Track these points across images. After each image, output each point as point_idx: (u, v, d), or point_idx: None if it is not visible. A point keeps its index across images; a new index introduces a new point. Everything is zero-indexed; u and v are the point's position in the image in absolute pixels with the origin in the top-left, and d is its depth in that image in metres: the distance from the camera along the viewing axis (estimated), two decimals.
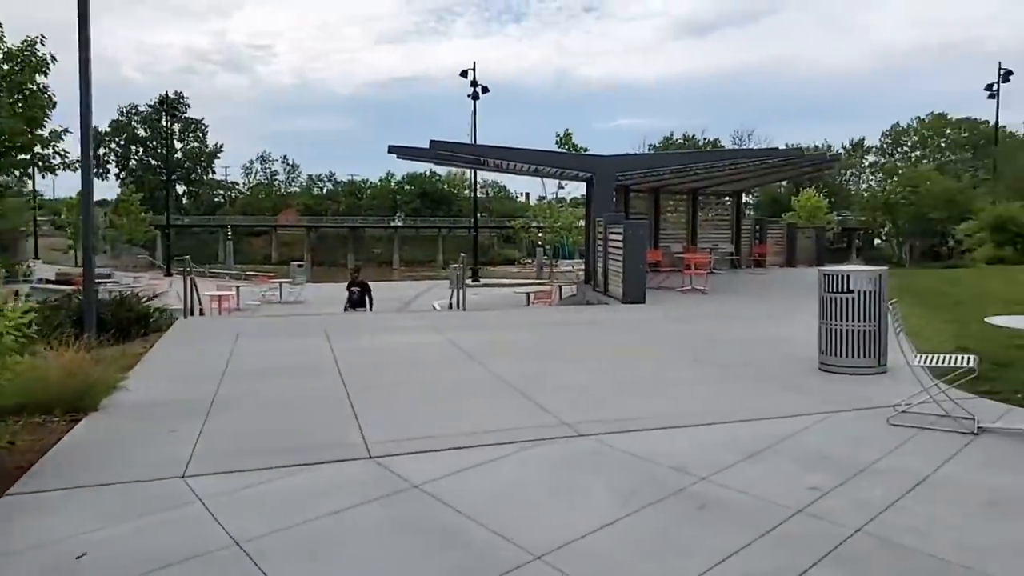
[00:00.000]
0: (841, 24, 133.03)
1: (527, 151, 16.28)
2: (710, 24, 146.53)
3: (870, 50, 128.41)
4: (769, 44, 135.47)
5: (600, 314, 13.37)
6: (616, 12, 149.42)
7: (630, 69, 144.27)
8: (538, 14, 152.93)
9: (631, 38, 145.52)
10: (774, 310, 13.60)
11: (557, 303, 20.33)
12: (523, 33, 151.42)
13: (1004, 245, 25.59)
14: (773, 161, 19.74)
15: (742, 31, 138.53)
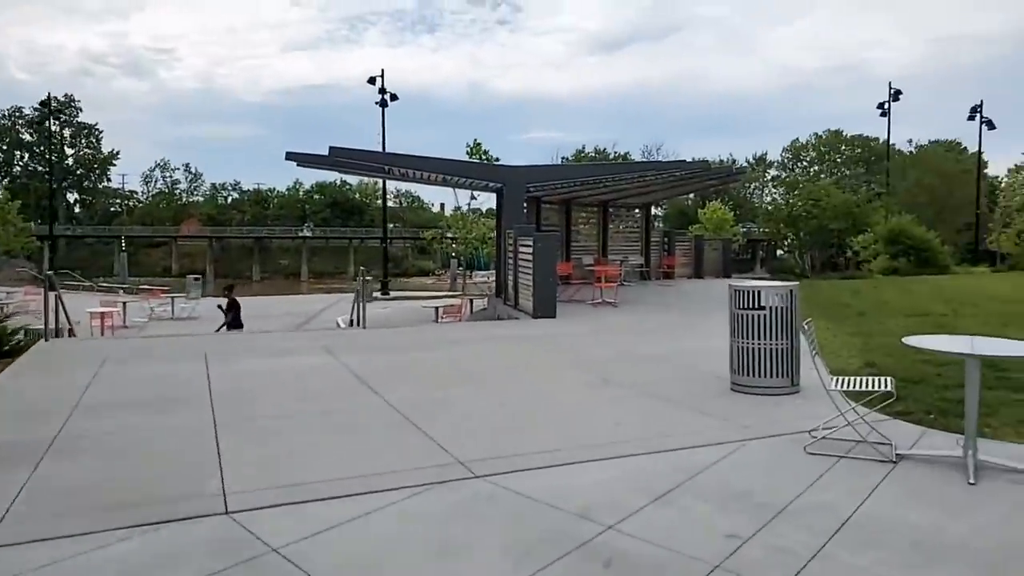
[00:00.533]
0: (743, 44, 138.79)
1: (433, 160, 15.62)
2: (621, 40, 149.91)
3: (770, 69, 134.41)
4: (676, 61, 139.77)
5: (509, 330, 12.81)
6: (529, 26, 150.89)
7: (543, 82, 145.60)
8: (452, 25, 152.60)
9: (544, 52, 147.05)
10: (684, 324, 13.39)
11: (467, 317, 19.70)
12: (437, 44, 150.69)
13: (898, 256, 26.65)
14: (681, 174, 19.78)
15: (651, 48, 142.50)
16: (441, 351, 10.44)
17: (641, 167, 17.32)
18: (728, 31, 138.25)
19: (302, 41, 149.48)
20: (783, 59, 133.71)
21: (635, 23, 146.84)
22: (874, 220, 27.05)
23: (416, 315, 20.23)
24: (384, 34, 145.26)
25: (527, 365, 9.42)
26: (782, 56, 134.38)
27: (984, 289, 18.69)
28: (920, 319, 12.74)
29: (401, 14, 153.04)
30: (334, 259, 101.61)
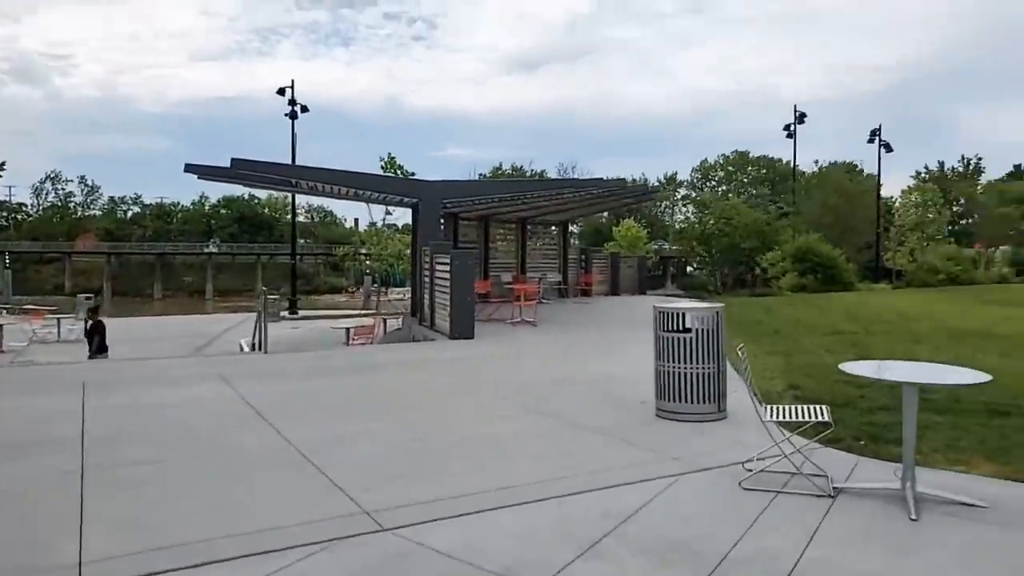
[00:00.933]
0: (653, 67, 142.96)
1: (344, 173, 14.88)
2: (536, 60, 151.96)
3: (679, 91, 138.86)
4: (591, 82, 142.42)
5: (425, 353, 12.18)
6: (446, 43, 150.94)
7: (459, 99, 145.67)
8: (367, 39, 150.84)
9: (461, 69, 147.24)
10: (604, 344, 13.09)
11: (381, 339, 18.90)
12: (352, 58, 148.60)
13: (806, 274, 27.46)
14: (598, 191, 19.69)
15: (566, 69, 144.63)
16: (350, 378, 9.73)
17: (559, 184, 17.08)
18: (639, 54, 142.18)
19: (211, 51, 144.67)
20: (691, 82, 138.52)
21: (550, 44, 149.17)
22: (783, 239, 27.87)
23: (325, 337, 19.29)
24: (297, 46, 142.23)
25: (443, 393, 8.84)
26: (691, 79, 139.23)
27: (888, 306, 19.32)
28: (835, 337, 12.88)
29: (315, 26, 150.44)
30: (242, 276, 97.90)
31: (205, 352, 18.88)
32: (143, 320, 36.62)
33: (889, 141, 34.26)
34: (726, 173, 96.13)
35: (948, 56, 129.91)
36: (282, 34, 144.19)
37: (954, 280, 29.56)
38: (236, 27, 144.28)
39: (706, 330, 7.04)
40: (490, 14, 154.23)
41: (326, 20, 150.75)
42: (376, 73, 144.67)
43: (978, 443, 5.97)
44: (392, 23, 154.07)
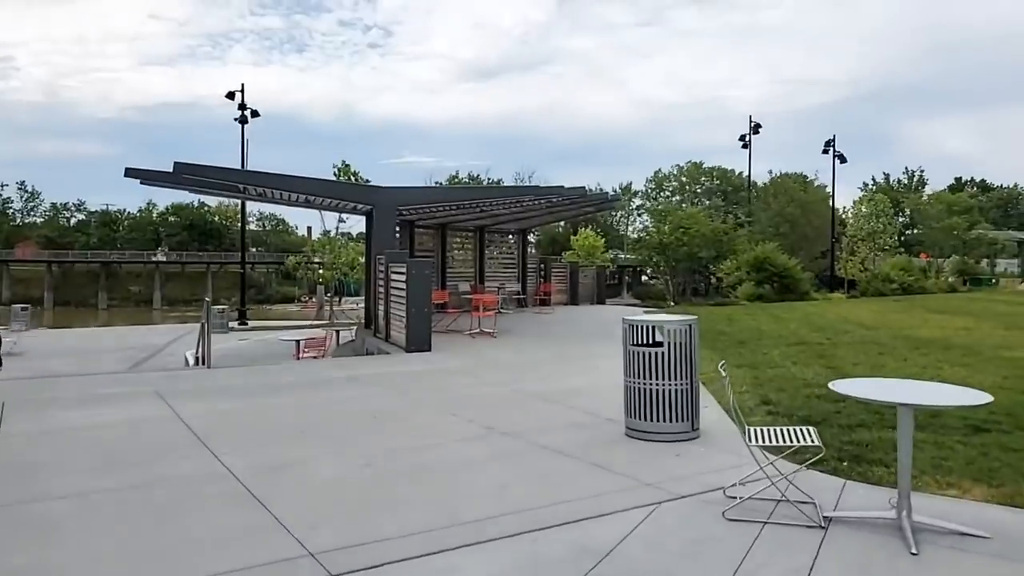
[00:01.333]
0: (607, 77, 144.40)
1: (294, 179, 14.22)
2: (492, 69, 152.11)
3: (633, 102, 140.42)
4: (546, 92, 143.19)
5: (379, 367, 11.58)
6: (402, 50, 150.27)
7: (415, 107, 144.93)
8: (322, 46, 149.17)
9: (417, 77, 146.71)
10: (567, 356, 12.68)
11: (333, 351, 18.20)
12: (306, 64, 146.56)
13: (763, 283, 27.55)
14: (558, 199, 19.35)
15: (522, 78, 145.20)
16: (298, 395, 9.10)
17: (518, 191, 16.69)
18: (594, 65, 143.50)
19: (160, 56, 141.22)
20: (645, 93, 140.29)
21: (506, 53, 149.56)
22: (739, 247, 27.97)
23: (274, 349, 18.50)
24: (250, 52, 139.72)
25: (399, 412, 8.28)
26: (644, 90, 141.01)
27: (846, 316, 19.37)
28: (799, 348, 12.68)
29: (268, 32, 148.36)
30: (191, 285, 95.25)
31: (144, 367, 17.92)
32: (80, 332, 35.06)
33: (841, 150, 34.82)
34: (680, 183, 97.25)
35: (892, 72, 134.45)
36: (234, 39, 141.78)
37: (906, 289, 30.05)
38: (187, 31, 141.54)
39: (679, 343, 6.65)
40: (446, 23, 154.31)
41: (280, 26, 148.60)
42: (331, 80, 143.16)
43: (965, 464, 5.68)
44: (347, 30, 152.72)
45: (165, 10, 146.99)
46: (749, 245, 28.29)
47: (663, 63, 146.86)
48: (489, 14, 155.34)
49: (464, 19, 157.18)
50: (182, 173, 13.80)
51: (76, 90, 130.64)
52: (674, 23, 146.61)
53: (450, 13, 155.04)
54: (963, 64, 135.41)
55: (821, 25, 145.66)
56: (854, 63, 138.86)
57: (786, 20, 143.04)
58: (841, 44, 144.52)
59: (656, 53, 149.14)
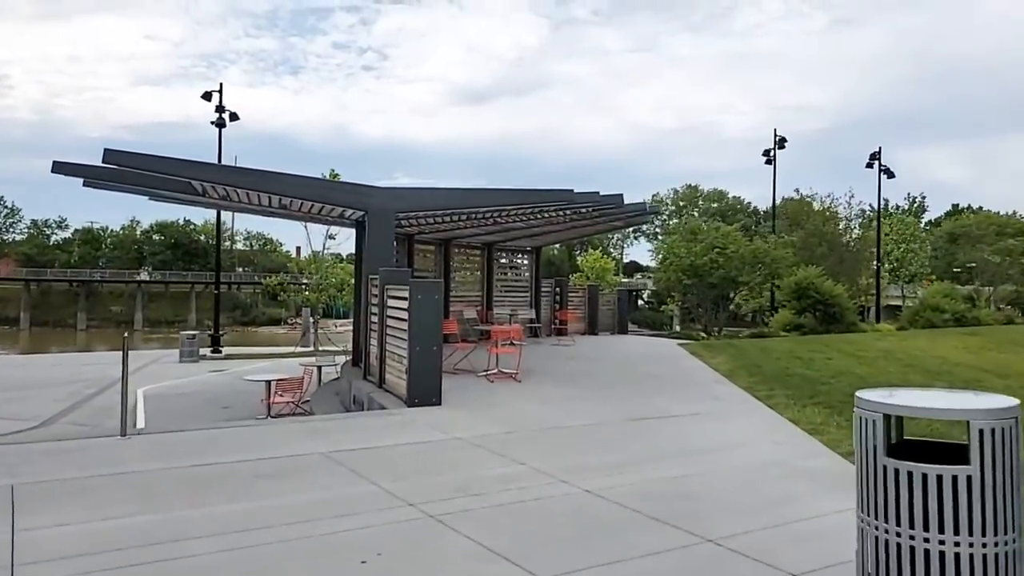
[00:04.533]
0: (601, 102, 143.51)
1: (260, 174, 10.84)
2: (487, 93, 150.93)
3: (627, 127, 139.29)
4: (539, 116, 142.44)
5: (370, 436, 8.09)
6: (396, 73, 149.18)
7: (409, 129, 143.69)
8: (316, 69, 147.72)
9: (411, 100, 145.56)
10: (630, 411, 9.21)
11: (313, 392, 14.68)
12: (301, 86, 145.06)
13: (804, 312, 24.21)
14: (588, 209, 16.04)
15: (516, 102, 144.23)
16: (242, 500, 5.58)
17: (544, 196, 13.32)
18: (588, 89, 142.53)
19: (154, 76, 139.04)
20: (638, 118, 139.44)
21: (500, 77, 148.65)
22: (785, 272, 24.73)
23: (240, 392, 14.99)
24: (244, 73, 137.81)
25: (408, 550, 4.75)
26: (637, 115, 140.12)
27: (937, 353, 16.04)
28: None
29: (263, 54, 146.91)
30: (174, 306, 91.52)
31: (75, 412, 14.40)
32: (37, 358, 31.34)
33: (831, 179, 31.94)
34: (677, 207, 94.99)
35: (882, 99, 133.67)
36: (229, 60, 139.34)
37: (959, 320, 26.78)
38: (181, 52, 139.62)
39: (997, 455, 3.25)
40: (440, 46, 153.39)
41: (275, 48, 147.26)
42: (325, 102, 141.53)
43: None
44: (342, 52, 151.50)
45: (160, 30, 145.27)
46: (791, 269, 25.03)
47: (657, 89, 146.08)
48: (483, 38, 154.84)
49: (458, 43, 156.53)
50: (114, 163, 10.39)
51: (69, 109, 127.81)
52: (667, 49, 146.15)
53: (444, 37, 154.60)
54: (951, 93, 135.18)
55: (812, 53, 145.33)
56: (845, 91, 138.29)
57: (778, 47, 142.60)
58: (832, 72, 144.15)
59: (650, 79, 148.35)
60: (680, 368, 14.13)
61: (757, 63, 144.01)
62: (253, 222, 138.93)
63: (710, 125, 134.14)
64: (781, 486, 5.94)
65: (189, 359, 25.30)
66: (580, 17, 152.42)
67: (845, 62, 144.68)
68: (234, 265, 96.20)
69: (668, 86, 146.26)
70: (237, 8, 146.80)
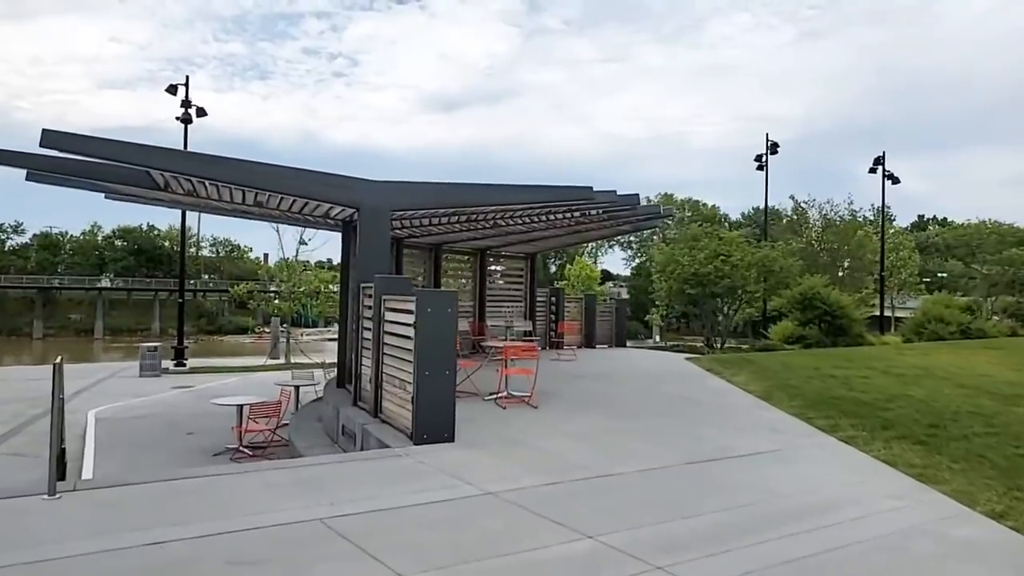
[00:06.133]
0: (573, 111, 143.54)
1: (235, 163, 9.08)
2: (457, 101, 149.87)
3: (599, 136, 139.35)
4: (511, 124, 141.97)
5: (373, 494, 6.37)
6: (367, 80, 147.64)
7: (379, 136, 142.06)
8: (286, 74, 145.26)
9: (381, 107, 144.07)
10: (680, 445, 7.63)
11: (291, 416, 12.89)
12: (269, 91, 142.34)
13: (809, 323, 22.92)
14: (598, 212, 14.49)
15: (487, 110, 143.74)
16: None
17: (561, 194, 11.70)
18: (560, 98, 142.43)
19: (119, 79, 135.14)
20: (609, 127, 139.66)
21: (471, 85, 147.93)
22: (793, 280, 23.41)
23: (205, 416, 13.13)
24: (213, 78, 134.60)
25: None
26: (608, 124, 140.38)
27: (976, 370, 14.72)
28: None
29: (232, 58, 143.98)
30: (137, 314, 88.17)
31: (16, 435, 12.42)
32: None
33: (797, 188, 31.07)
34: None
35: (845, 112, 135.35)
36: (196, 64, 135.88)
37: (965, 333, 25.71)
38: (147, 55, 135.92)
39: None
40: (411, 54, 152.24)
41: (243, 52, 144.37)
42: (294, 108, 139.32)
43: None
44: (312, 59, 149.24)
45: (126, 33, 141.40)
46: (798, 278, 23.73)
47: (628, 98, 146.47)
48: (454, 46, 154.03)
49: (430, 51, 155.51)
50: (54, 147, 8.56)
51: (29, 111, 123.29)
52: (639, 59, 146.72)
53: (416, 44, 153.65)
54: (913, 106, 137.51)
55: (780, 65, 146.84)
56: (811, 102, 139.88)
57: (747, 59, 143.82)
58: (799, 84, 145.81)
59: (621, 88, 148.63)
60: (707, 389, 12.61)
61: (726, 74, 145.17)
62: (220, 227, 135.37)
63: (681, 135, 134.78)
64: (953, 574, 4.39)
65: (150, 373, 23.26)
66: (551, 27, 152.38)
67: (811, 74, 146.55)
68: (200, 272, 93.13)
69: (639, 96, 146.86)
70: (205, 12, 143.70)
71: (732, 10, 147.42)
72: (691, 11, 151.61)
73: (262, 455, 11.43)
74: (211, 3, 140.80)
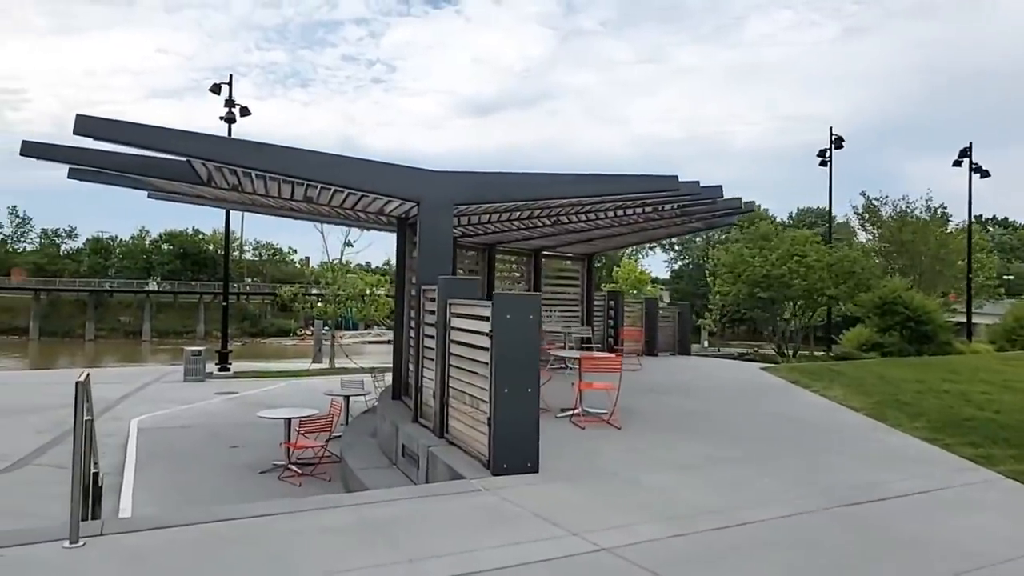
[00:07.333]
0: (606, 113, 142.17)
1: (282, 151, 8.07)
2: (492, 104, 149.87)
3: (632, 137, 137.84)
4: (545, 126, 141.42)
5: (455, 538, 5.22)
6: (404, 86, 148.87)
7: (415, 141, 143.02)
8: (325, 81, 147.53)
9: (418, 112, 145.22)
10: (831, 487, 6.32)
11: (343, 430, 11.87)
12: (310, 98, 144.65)
13: (888, 329, 21.21)
14: (671, 206, 13.21)
15: (521, 113, 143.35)
16: None
17: (646, 185, 10.45)
18: (594, 100, 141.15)
19: (166, 89, 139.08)
20: (645, 128, 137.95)
21: (506, 88, 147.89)
22: (874, 283, 21.72)
23: (249, 427, 12.20)
24: (255, 86, 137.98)
25: None
26: (644, 126, 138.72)
27: None
28: None
29: (273, 67, 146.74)
30: (183, 316, 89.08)
31: (59, 444, 11.62)
32: (23, 376, 28.63)
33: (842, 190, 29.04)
34: None
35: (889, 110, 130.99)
36: (240, 73, 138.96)
37: None
38: (193, 65, 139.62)
39: None
40: (447, 58, 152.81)
41: (285, 60, 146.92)
42: (334, 114, 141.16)
43: None
44: (351, 65, 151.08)
45: (173, 44, 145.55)
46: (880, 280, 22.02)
47: (664, 99, 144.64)
48: (490, 50, 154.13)
49: (465, 55, 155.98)
50: (88, 134, 7.66)
51: None
52: (675, 60, 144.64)
53: (452, 49, 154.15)
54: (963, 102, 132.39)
55: (822, 63, 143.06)
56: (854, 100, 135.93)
57: (787, 57, 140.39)
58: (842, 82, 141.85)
59: (657, 90, 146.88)
60: (804, 405, 11.23)
61: (766, 73, 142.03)
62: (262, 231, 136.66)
63: (718, 135, 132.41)
64: None
65: (194, 378, 22.68)
66: (587, 28, 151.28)
67: (855, 71, 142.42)
68: (243, 275, 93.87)
69: (675, 97, 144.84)
70: (248, 21, 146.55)
71: (773, 7, 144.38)
72: (730, 9, 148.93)
73: (311, 473, 10.46)
74: (254, 13, 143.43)
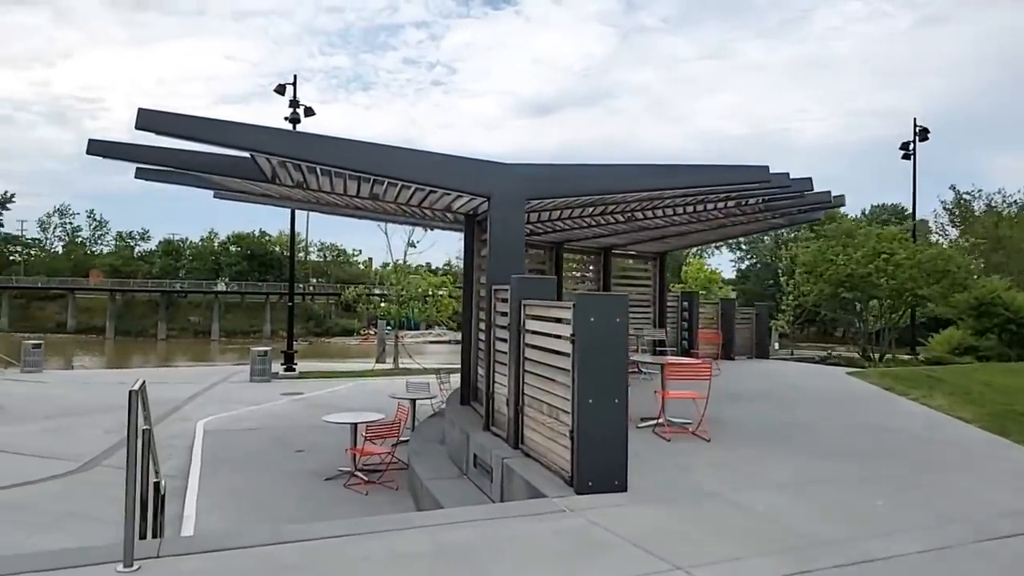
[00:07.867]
0: (668, 112, 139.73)
1: (347, 143, 7.64)
2: (552, 104, 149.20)
3: (695, 135, 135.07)
4: (604, 125, 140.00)
5: (532, 569, 4.68)
6: (464, 87, 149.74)
7: (475, 142, 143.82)
8: (387, 84, 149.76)
9: (477, 113, 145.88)
10: (967, 517, 5.51)
11: (410, 434, 11.43)
12: (371, 102, 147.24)
13: (986, 332, 19.70)
14: (756, 200, 12.34)
15: (581, 112, 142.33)
16: None
17: (736, 176, 9.67)
18: (655, 98, 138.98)
19: (234, 94, 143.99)
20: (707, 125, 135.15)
21: (566, 88, 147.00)
22: (971, 283, 20.23)
23: (315, 430, 11.88)
24: (319, 90, 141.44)
25: None
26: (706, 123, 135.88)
27: None
28: None
29: (336, 71, 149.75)
30: (250, 316, 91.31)
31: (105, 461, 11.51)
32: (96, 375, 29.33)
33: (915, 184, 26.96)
34: None
35: (965, 104, 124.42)
36: (304, 78, 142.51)
37: None
38: (259, 71, 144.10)
39: None
40: (507, 59, 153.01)
41: (347, 65, 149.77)
42: (395, 117, 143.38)
43: None
44: (412, 68, 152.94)
45: (240, 51, 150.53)
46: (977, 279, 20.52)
47: (727, 96, 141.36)
48: (550, 50, 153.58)
49: (525, 55, 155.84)
50: (149, 129, 7.37)
51: None
52: (739, 56, 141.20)
53: (511, 50, 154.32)
54: None
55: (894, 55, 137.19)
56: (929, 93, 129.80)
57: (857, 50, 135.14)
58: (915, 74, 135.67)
59: (720, 87, 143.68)
60: (908, 416, 10.26)
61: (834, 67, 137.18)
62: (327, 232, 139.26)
63: (783, 132, 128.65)
64: None
65: (260, 378, 22.85)
66: (649, 25, 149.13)
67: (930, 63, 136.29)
68: (308, 276, 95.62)
69: (739, 93, 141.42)
70: (312, 27, 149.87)
71: None
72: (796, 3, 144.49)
73: (378, 480, 10.06)
74: (317, 19, 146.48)
